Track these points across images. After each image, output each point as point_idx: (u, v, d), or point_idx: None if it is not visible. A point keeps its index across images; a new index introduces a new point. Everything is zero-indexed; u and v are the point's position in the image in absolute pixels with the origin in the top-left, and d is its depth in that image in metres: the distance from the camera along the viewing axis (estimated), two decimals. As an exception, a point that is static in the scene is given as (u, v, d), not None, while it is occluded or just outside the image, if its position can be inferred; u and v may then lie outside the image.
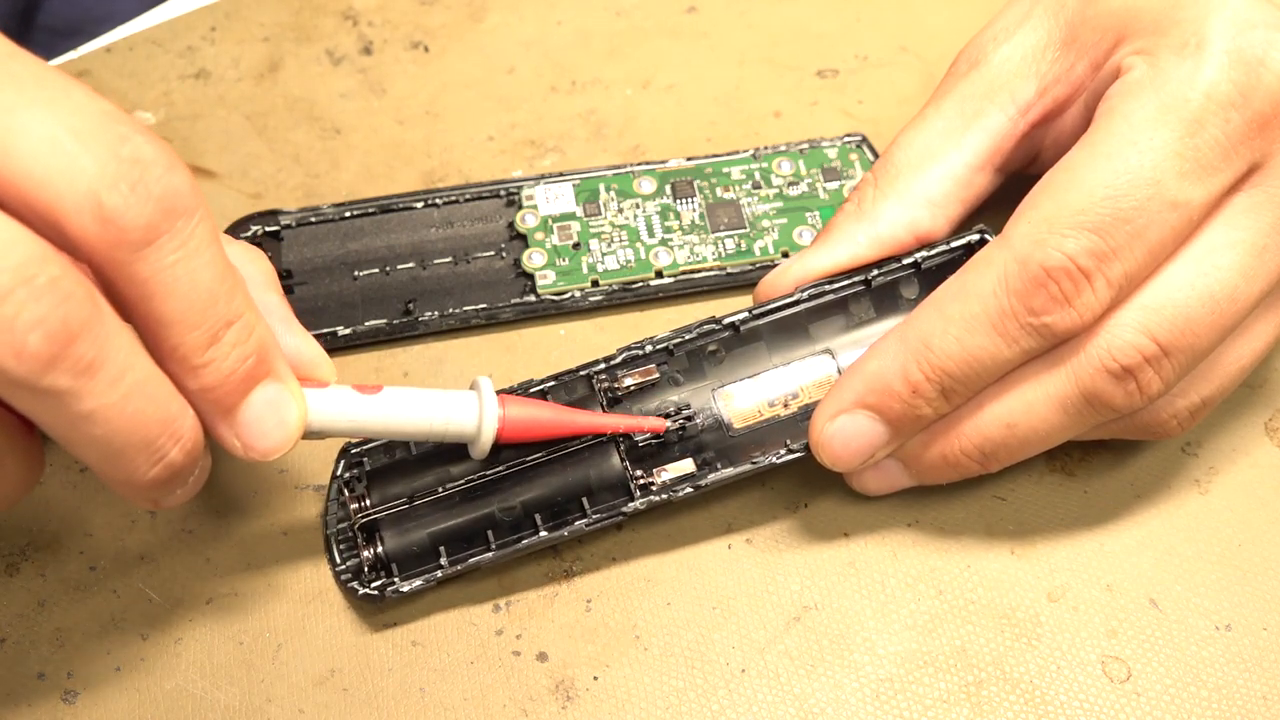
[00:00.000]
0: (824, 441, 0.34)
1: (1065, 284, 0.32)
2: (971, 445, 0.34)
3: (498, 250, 0.41)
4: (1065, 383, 0.33)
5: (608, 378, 0.36)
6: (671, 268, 0.40)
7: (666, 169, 0.42)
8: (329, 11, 0.47)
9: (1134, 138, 0.32)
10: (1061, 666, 0.34)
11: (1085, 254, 0.31)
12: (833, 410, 0.34)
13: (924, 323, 0.33)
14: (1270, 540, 0.36)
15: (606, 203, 0.42)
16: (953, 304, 0.33)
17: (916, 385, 0.33)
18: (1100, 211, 0.32)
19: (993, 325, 0.32)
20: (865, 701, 0.34)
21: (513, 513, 0.35)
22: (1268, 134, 0.32)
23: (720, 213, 0.41)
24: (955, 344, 0.33)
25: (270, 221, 0.40)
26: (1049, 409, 0.33)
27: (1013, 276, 0.32)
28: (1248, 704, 0.34)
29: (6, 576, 0.36)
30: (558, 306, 0.40)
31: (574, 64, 0.46)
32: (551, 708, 0.34)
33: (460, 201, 0.41)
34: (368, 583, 0.34)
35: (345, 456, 0.36)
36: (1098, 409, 0.33)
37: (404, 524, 0.35)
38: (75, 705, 0.34)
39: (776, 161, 0.42)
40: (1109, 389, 0.33)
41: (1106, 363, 0.32)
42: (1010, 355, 0.33)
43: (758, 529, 0.37)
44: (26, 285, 0.25)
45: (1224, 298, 0.32)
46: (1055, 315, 0.32)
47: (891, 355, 0.34)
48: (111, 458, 0.28)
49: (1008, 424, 0.34)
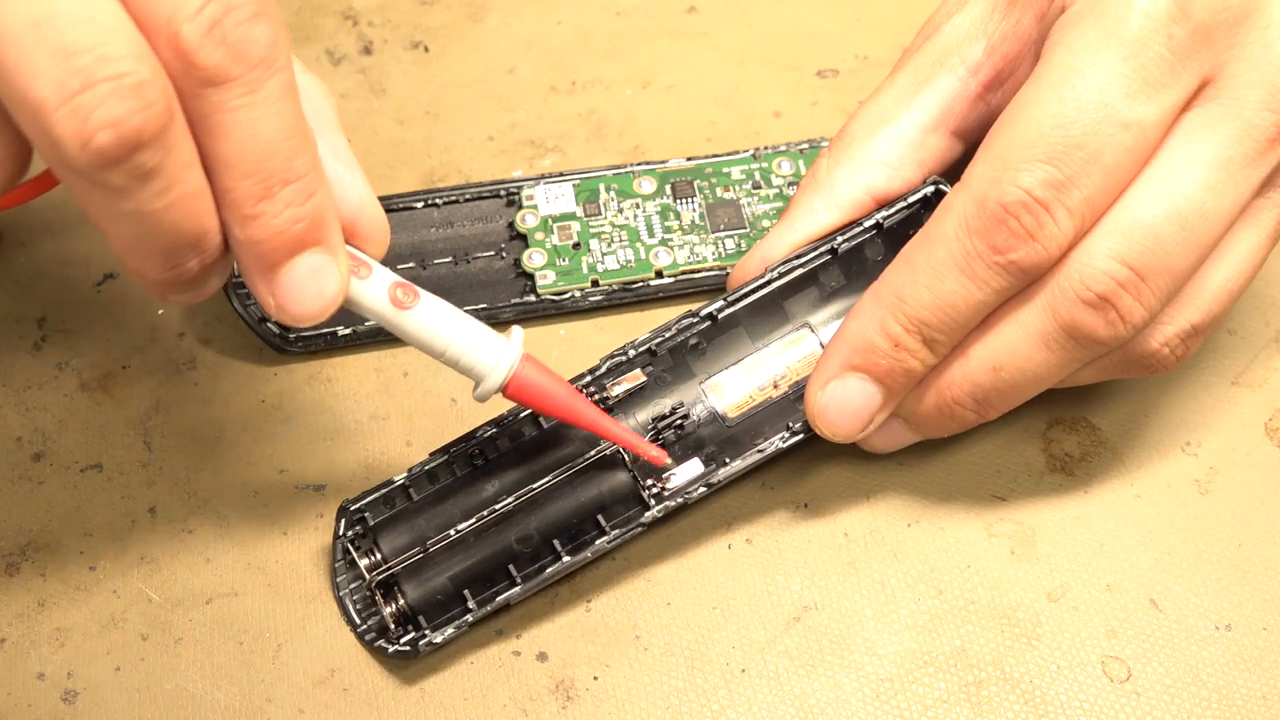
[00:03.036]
0: (820, 411, 0.34)
1: (1025, 218, 0.32)
2: (962, 392, 0.34)
3: (498, 250, 0.41)
4: (1044, 318, 0.33)
5: (595, 388, 0.36)
6: (671, 268, 0.40)
7: (666, 169, 0.42)
8: (329, 11, 0.47)
9: (1077, 65, 0.32)
10: (1061, 666, 0.34)
11: (1041, 185, 0.31)
12: (824, 379, 0.34)
13: (895, 276, 0.34)
14: (1270, 540, 0.36)
15: (606, 203, 0.42)
16: (919, 254, 0.33)
17: (897, 338, 0.33)
18: (1052, 141, 0.32)
19: (959, 268, 0.32)
20: (865, 701, 0.34)
21: (530, 542, 0.35)
22: (1212, 44, 0.32)
23: (720, 213, 0.41)
24: (926, 292, 0.33)
25: None
26: (1032, 347, 0.33)
27: (972, 217, 0.32)
28: (1248, 704, 0.34)
29: (6, 576, 0.36)
30: (558, 306, 0.40)
31: (574, 64, 0.46)
32: (551, 708, 0.34)
33: (460, 201, 0.41)
34: (396, 639, 0.34)
35: (345, 515, 0.35)
36: (1081, 342, 0.33)
37: (423, 573, 0.34)
38: (75, 705, 0.34)
39: (776, 161, 0.42)
40: (1088, 319, 0.32)
41: (1081, 293, 0.32)
42: (983, 297, 0.33)
43: (758, 529, 0.37)
44: (114, 81, 0.25)
45: (1192, 214, 0.32)
46: (1020, 251, 0.32)
47: (869, 314, 0.34)
48: (133, 250, 0.28)
49: (994, 367, 0.34)
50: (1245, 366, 0.39)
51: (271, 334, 0.39)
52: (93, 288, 0.41)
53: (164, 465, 0.37)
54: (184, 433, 0.38)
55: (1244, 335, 0.40)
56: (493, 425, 0.36)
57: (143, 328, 0.40)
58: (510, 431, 0.36)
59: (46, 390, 0.39)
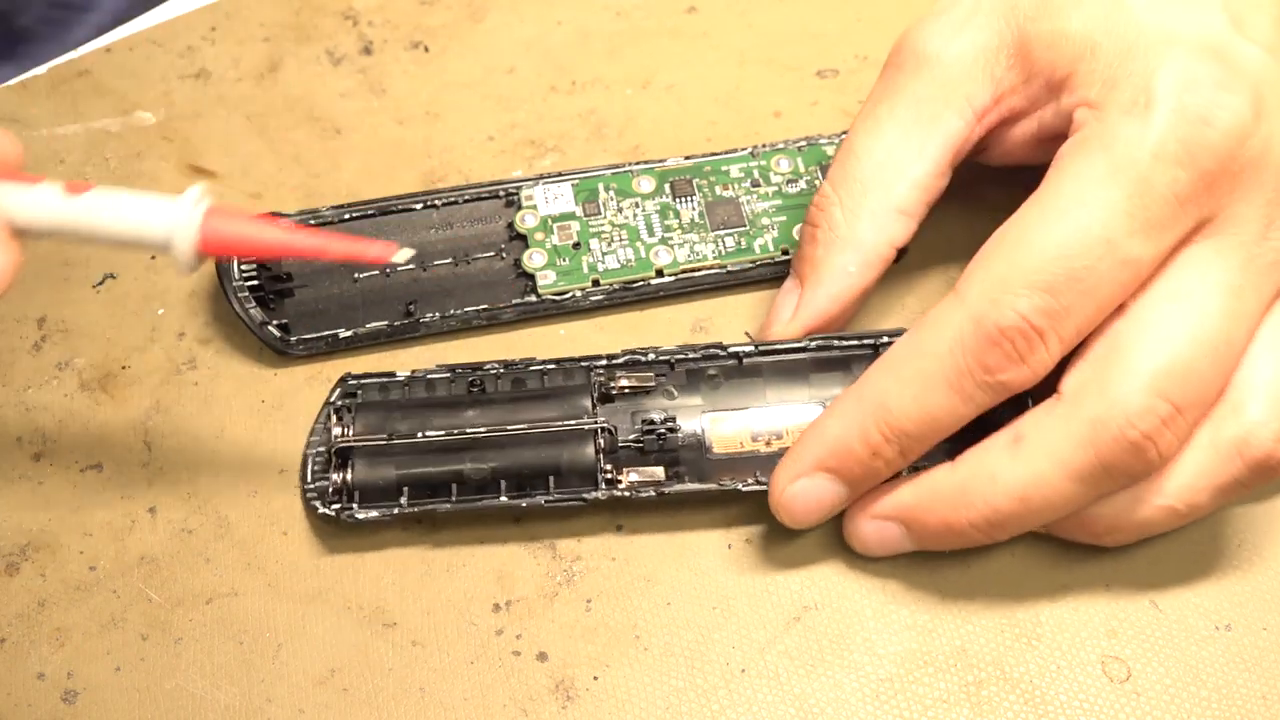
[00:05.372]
0: (784, 503, 0.35)
1: (1020, 342, 0.32)
2: (980, 516, 0.34)
3: (498, 251, 0.41)
4: (1084, 454, 0.32)
5: (605, 374, 0.37)
6: (672, 266, 0.40)
7: (665, 168, 0.42)
8: (329, 11, 0.47)
9: (1084, 197, 0.32)
10: (1061, 666, 0.34)
11: (1038, 313, 0.32)
12: (793, 473, 0.35)
13: (880, 383, 0.34)
14: (1270, 540, 0.36)
15: (606, 202, 0.42)
16: (908, 364, 0.33)
17: (876, 447, 0.34)
18: (1053, 271, 0.32)
19: (949, 384, 0.33)
20: (865, 701, 0.34)
21: (481, 473, 0.36)
22: (1215, 190, 0.33)
23: (720, 211, 0.41)
24: (913, 404, 0.33)
25: None
26: (1065, 480, 0.33)
27: (968, 335, 0.32)
28: (1248, 704, 0.34)
29: (6, 576, 0.36)
30: (559, 306, 0.40)
31: (574, 64, 0.46)
32: (551, 708, 0.34)
33: (459, 202, 0.41)
34: (329, 504, 0.35)
35: (343, 384, 0.37)
36: (1115, 477, 0.33)
37: (376, 458, 0.36)
38: (75, 705, 0.34)
39: (775, 159, 0.42)
40: (1128, 456, 0.32)
41: (1127, 432, 0.32)
42: (966, 411, 0.33)
43: (758, 529, 0.37)
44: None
45: (1221, 343, 0.32)
46: (1010, 373, 0.32)
47: (851, 418, 0.34)
48: None
49: (1021, 497, 0.33)
50: (1245, 366, 0.39)
51: (273, 336, 0.39)
52: (92, 288, 0.41)
53: (164, 465, 0.37)
54: (184, 433, 0.38)
55: (1244, 335, 0.40)
56: (503, 364, 0.37)
57: (143, 328, 0.40)
58: (515, 376, 0.37)
59: (46, 390, 0.39)
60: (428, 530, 0.37)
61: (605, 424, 0.36)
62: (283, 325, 0.39)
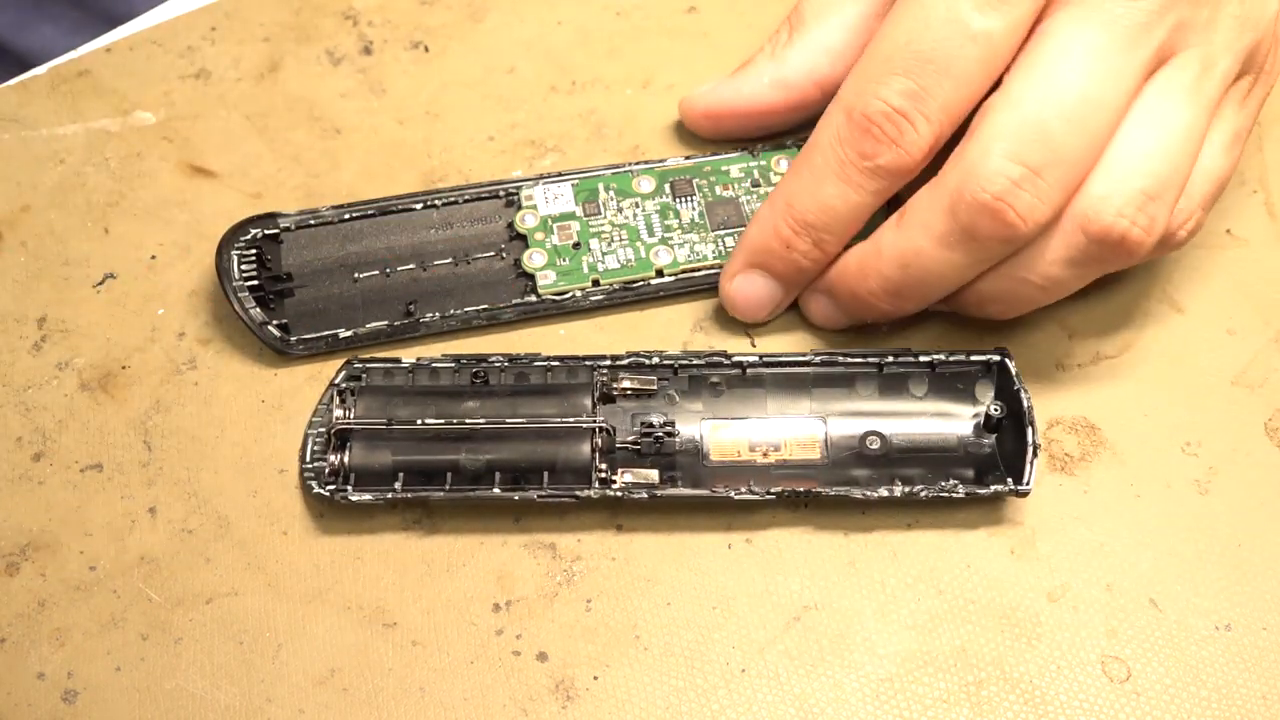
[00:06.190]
0: (730, 301, 0.39)
1: (888, 126, 0.35)
2: (876, 285, 0.37)
3: (498, 251, 0.41)
4: (945, 220, 0.35)
5: (608, 375, 0.37)
6: (672, 266, 0.40)
7: (665, 168, 0.42)
8: (329, 11, 0.47)
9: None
10: (1061, 666, 0.34)
11: (899, 95, 0.35)
12: (730, 273, 0.39)
13: (785, 185, 0.38)
14: (1270, 540, 0.36)
15: (606, 202, 0.42)
16: (803, 162, 0.37)
17: (788, 240, 0.38)
18: (905, 55, 0.35)
19: (836, 174, 0.36)
20: (865, 701, 0.34)
21: (476, 464, 0.36)
22: None
23: (720, 211, 0.41)
24: (810, 197, 0.37)
25: (269, 224, 0.40)
26: (935, 247, 0.35)
27: (842, 127, 0.36)
28: (1248, 704, 0.34)
29: (6, 576, 0.36)
30: (559, 306, 0.40)
31: (574, 64, 0.46)
32: (551, 708, 0.34)
33: (459, 202, 0.41)
34: (324, 485, 0.36)
35: (348, 367, 0.37)
36: (983, 243, 0.35)
37: (374, 442, 0.36)
38: (75, 705, 0.34)
39: (775, 159, 0.42)
40: (985, 220, 0.34)
41: (978, 194, 0.34)
42: (860, 199, 0.36)
43: (758, 529, 0.37)
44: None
45: (1076, 101, 0.34)
46: (885, 156, 0.35)
47: (765, 218, 0.38)
48: None
49: (902, 264, 0.36)
50: (1245, 366, 0.39)
51: (273, 336, 0.39)
52: (93, 288, 0.41)
53: (164, 465, 0.38)
54: (184, 433, 0.38)
55: (1243, 335, 0.40)
56: (508, 358, 0.37)
57: (143, 328, 0.40)
58: (519, 370, 0.38)
59: (46, 390, 0.39)
60: (428, 530, 0.37)
61: (604, 424, 0.36)
62: (283, 325, 0.39)
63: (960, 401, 0.38)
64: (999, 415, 0.37)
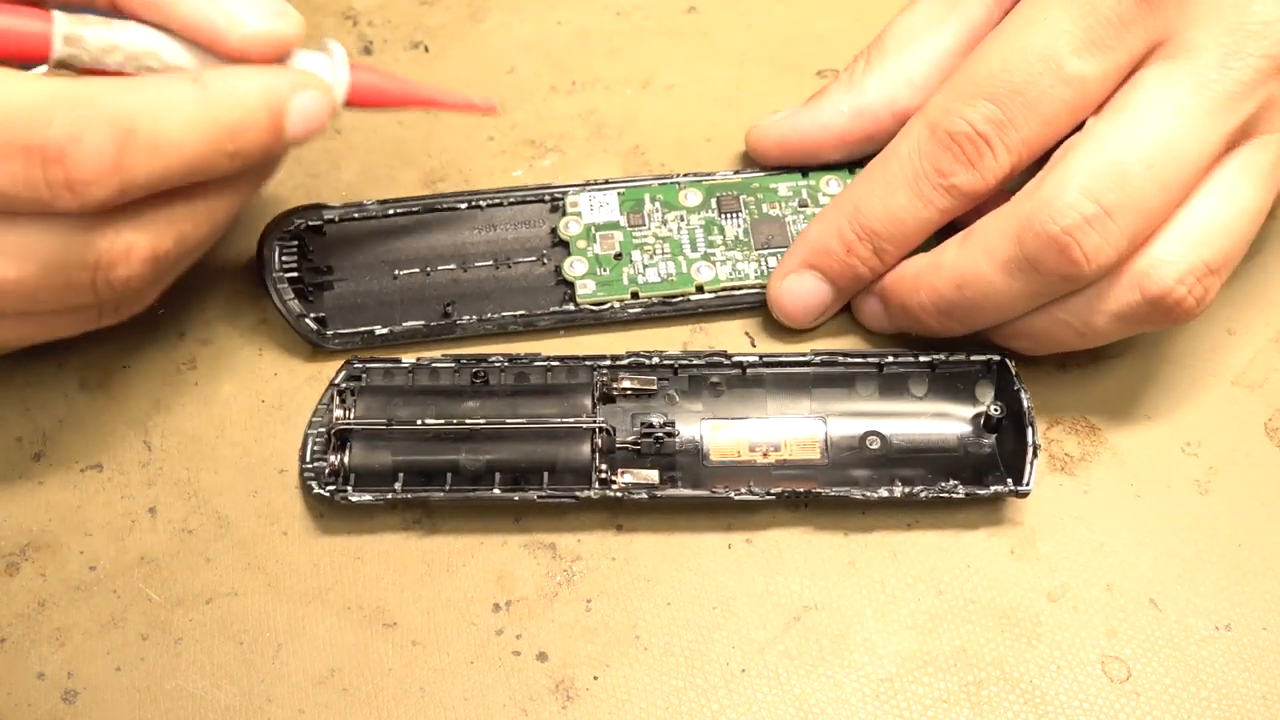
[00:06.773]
0: (777, 299, 0.39)
1: (968, 147, 0.35)
2: (928, 300, 0.37)
3: (539, 256, 0.40)
4: (1010, 245, 0.35)
5: (608, 374, 0.37)
6: (713, 283, 0.40)
7: (714, 181, 0.41)
8: (329, 11, 0.47)
9: (1032, 17, 0.35)
10: (1061, 666, 0.34)
11: (984, 121, 0.35)
12: (784, 271, 0.39)
13: (855, 188, 0.38)
14: (1270, 540, 0.36)
15: (651, 213, 0.41)
16: (878, 168, 0.37)
17: (850, 244, 0.38)
18: (997, 83, 0.35)
19: (908, 185, 0.36)
20: (865, 701, 0.34)
21: (476, 464, 0.36)
22: (1157, 13, 0.34)
23: (765, 229, 0.41)
24: (879, 204, 0.37)
25: (314, 215, 0.40)
26: (995, 271, 0.35)
27: (924, 140, 0.36)
28: (1248, 704, 0.34)
29: (6, 576, 0.36)
30: (596, 317, 0.39)
31: (574, 64, 0.46)
32: (551, 708, 0.34)
33: (504, 205, 0.41)
34: (324, 485, 0.36)
35: (348, 367, 0.37)
36: (1044, 275, 0.34)
37: (374, 442, 0.36)
38: (75, 705, 0.34)
39: (824, 179, 0.41)
40: (1050, 252, 0.34)
41: (1048, 226, 0.34)
42: (928, 214, 0.36)
43: (758, 529, 0.37)
44: None
45: (1158, 153, 0.34)
46: (961, 176, 0.36)
47: (829, 219, 0.38)
48: None
49: (959, 283, 0.36)
50: (1245, 366, 0.39)
51: (309, 329, 0.38)
52: (93, 288, 0.41)
53: (164, 465, 0.38)
54: (184, 432, 0.38)
55: (1243, 335, 0.40)
56: (508, 358, 0.37)
57: (143, 328, 0.40)
58: (519, 370, 0.37)
59: (46, 390, 0.39)
60: (428, 530, 0.37)
61: (604, 424, 0.36)
62: (320, 319, 0.39)
63: (960, 402, 0.38)
64: (999, 415, 0.37)
